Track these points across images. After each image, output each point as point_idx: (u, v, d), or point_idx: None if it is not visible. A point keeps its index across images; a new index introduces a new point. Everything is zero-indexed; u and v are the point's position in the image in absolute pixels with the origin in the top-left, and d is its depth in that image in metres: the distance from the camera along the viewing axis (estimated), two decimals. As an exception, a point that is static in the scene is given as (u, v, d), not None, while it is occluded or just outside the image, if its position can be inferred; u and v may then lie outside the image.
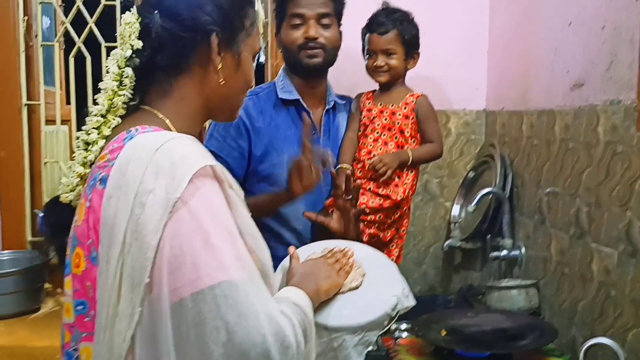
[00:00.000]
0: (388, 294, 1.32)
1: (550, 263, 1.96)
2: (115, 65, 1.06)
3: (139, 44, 1.05)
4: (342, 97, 2.04)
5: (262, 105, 1.88)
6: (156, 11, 1.05)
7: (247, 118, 1.84)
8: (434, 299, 2.44)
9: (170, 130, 1.06)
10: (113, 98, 1.06)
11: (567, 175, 1.86)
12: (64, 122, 2.49)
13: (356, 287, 1.32)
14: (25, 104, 2.37)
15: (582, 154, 1.77)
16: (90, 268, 0.96)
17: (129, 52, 1.05)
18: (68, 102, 2.54)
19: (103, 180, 0.97)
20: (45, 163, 2.43)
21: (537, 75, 2.08)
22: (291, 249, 1.37)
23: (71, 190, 1.08)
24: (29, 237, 2.40)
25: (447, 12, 2.44)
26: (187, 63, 1.08)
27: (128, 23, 1.06)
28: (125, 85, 1.06)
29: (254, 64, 1.18)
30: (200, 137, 1.18)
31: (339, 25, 1.90)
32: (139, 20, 1.06)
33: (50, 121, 2.44)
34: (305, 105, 1.90)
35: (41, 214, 1.14)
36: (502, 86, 2.39)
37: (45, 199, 2.44)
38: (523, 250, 2.14)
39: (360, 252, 1.45)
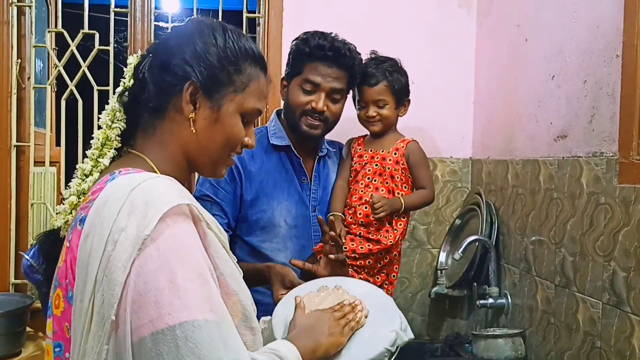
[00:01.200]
0: (386, 329, 1.30)
1: (536, 312, 1.96)
2: (110, 103, 1.13)
3: (129, 82, 1.11)
4: (332, 143, 2.05)
5: (254, 149, 1.86)
6: (151, 54, 1.11)
7: (239, 162, 1.84)
8: (421, 347, 2.41)
9: (154, 172, 1.07)
10: (107, 132, 1.11)
11: (552, 225, 1.87)
12: (52, 163, 2.49)
13: (359, 327, 1.29)
14: (15, 145, 2.36)
15: (566, 204, 1.79)
16: (68, 308, 0.96)
17: (120, 89, 1.12)
18: (58, 144, 2.54)
19: (82, 221, 0.97)
20: (32, 205, 2.42)
21: (521, 126, 2.12)
22: (297, 298, 1.34)
23: (63, 220, 1.09)
24: (12, 280, 2.36)
25: (435, 63, 2.49)
26: (166, 106, 1.08)
27: (129, 63, 1.13)
28: (118, 119, 1.12)
29: (250, 124, 1.16)
30: (189, 186, 1.18)
31: (346, 98, 1.91)
32: (138, 61, 1.12)
33: (39, 162, 2.44)
34: (296, 152, 1.91)
35: (28, 263, 1.13)
36: (487, 135, 2.43)
37: (31, 240, 2.42)
38: (509, 298, 2.14)
39: (358, 289, 1.44)
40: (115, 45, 2.41)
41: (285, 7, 2.41)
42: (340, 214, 1.91)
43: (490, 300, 2.15)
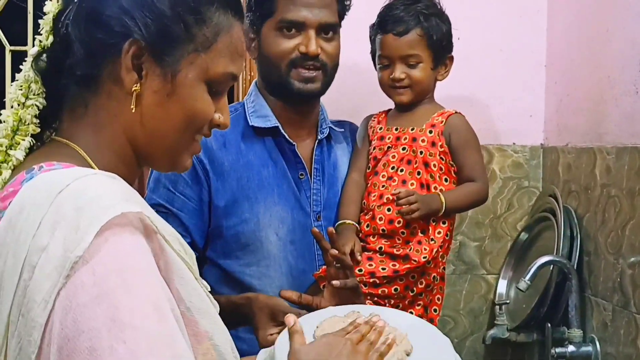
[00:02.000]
0: None
1: (637, 364, 1.94)
2: (23, 70, 1.10)
3: (47, 41, 1.08)
4: (340, 123, 2.04)
5: (227, 135, 1.87)
6: (77, 1, 1.07)
7: (205, 155, 1.82)
8: None
9: (89, 166, 1.05)
10: (20, 112, 1.08)
11: (660, 240, 1.83)
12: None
13: None
14: None
15: (682, 211, 1.74)
16: None
17: (35, 50, 1.08)
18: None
19: None
20: None
21: (614, 99, 2.09)
22: (289, 318, 1.32)
23: None
24: None
25: (487, 10, 2.48)
26: (99, 75, 1.07)
27: (47, 12, 1.09)
28: (34, 93, 1.08)
29: (222, 95, 1.14)
30: (141, 186, 1.20)
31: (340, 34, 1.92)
32: (59, 10, 1.09)
33: None
34: (286, 135, 1.90)
35: None
36: (566, 113, 2.41)
37: None
38: (597, 345, 2.12)
39: (401, 320, 1.42)
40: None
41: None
42: (352, 222, 1.88)
43: (572, 348, 2.13)
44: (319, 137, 1.95)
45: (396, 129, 1.93)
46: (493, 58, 2.49)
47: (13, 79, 1.16)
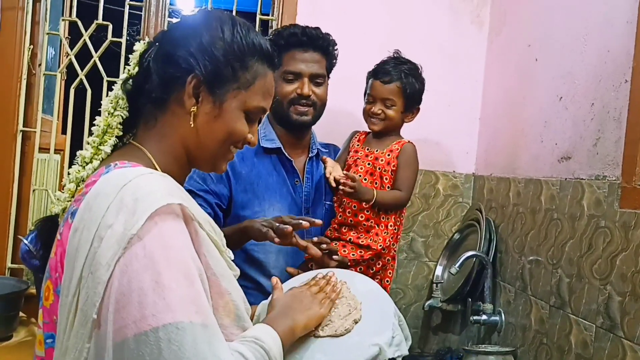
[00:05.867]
0: (370, 341, 1.20)
1: (529, 331, 1.95)
2: (114, 90, 1.10)
3: (134, 70, 1.09)
4: (325, 145, 2.05)
5: (245, 152, 1.81)
6: (157, 43, 1.09)
7: (229, 165, 1.79)
8: None
9: (153, 166, 1.05)
10: (109, 119, 1.08)
11: (550, 245, 1.87)
12: (57, 151, 2.49)
13: (343, 333, 1.21)
14: (21, 130, 2.37)
15: (566, 225, 1.79)
16: (56, 301, 0.95)
17: (124, 76, 1.09)
18: (64, 132, 2.55)
19: (73, 214, 0.96)
20: (33, 190, 2.42)
21: (526, 145, 2.12)
22: (273, 279, 1.31)
23: (61, 207, 1.07)
24: (9, 264, 2.36)
25: (443, 78, 2.49)
26: (167, 99, 1.07)
27: (135, 50, 1.11)
28: (121, 107, 1.08)
29: (254, 122, 1.14)
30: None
31: (328, 79, 1.94)
32: (144, 49, 1.10)
33: (43, 149, 2.44)
34: (287, 154, 1.91)
35: (26, 248, 1.12)
36: (491, 152, 2.43)
37: (30, 226, 2.42)
38: (503, 316, 2.13)
39: (363, 287, 1.35)
40: (128, 38, 2.43)
41: (299, 10, 2.42)
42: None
43: (484, 317, 2.14)
44: (310, 155, 1.97)
45: (367, 149, 1.93)
46: (444, 111, 2.50)
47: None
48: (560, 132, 1.89)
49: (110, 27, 2.40)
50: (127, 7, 2.43)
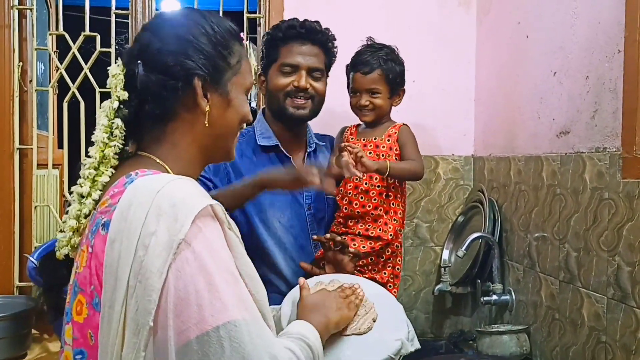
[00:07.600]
0: (392, 337, 1.31)
1: (540, 308, 1.96)
2: (105, 117, 1.05)
3: (124, 95, 1.05)
4: (321, 136, 2.03)
5: (243, 150, 1.86)
6: (139, 61, 1.05)
7: (229, 163, 1.81)
8: (425, 345, 2.33)
9: (166, 172, 1.05)
10: (104, 150, 1.05)
11: (555, 221, 1.87)
12: (55, 166, 2.48)
13: (366, 331, 1.31)
14: (18, 148, 2.36)
15: (570, 200, 1.79)
16: (93, 315, 0.95)
17: (116, 104, 1.05)
18: (60, 147, 2.54)
19: (105, 225, 0.95)
20: (35, 207, 2.41)
21: (523, 123, 2.12)
22: (301, 280, 1.38)
23: (66, 245, 1.06)
24: (17, 282, 2.36)
25: (435, 61, 2.49)
26: (174, 110, 1.07)
27: (114, 75, 1.07)
28: (115, 136, 1.05)
29: (249, 98, 1.17)
30: None
31: (327, 77, 1.91)
32: (124, 71, 1.06)
33: (41, 165, 2.43)
34: (284, 151, 1.89)
35: (33, 265, 1.12)
36: (489, 133, 2.43)
37: (35, 243, 2.41)
38: (513, 295, 2.14)
39: (371, 290, 1.45)
40: (117, 47, 2.41)
41: (286, 7, 2.40)
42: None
43: (494, 297, 2.15)
44: (308, 150, 1.94)
45: (363, 139, 1.91)
46: (438, 95, 2.50)
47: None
48: (557, 107, 1.88)
49: (98, 37, 2.39)
50: (113, 17, 2.41)
